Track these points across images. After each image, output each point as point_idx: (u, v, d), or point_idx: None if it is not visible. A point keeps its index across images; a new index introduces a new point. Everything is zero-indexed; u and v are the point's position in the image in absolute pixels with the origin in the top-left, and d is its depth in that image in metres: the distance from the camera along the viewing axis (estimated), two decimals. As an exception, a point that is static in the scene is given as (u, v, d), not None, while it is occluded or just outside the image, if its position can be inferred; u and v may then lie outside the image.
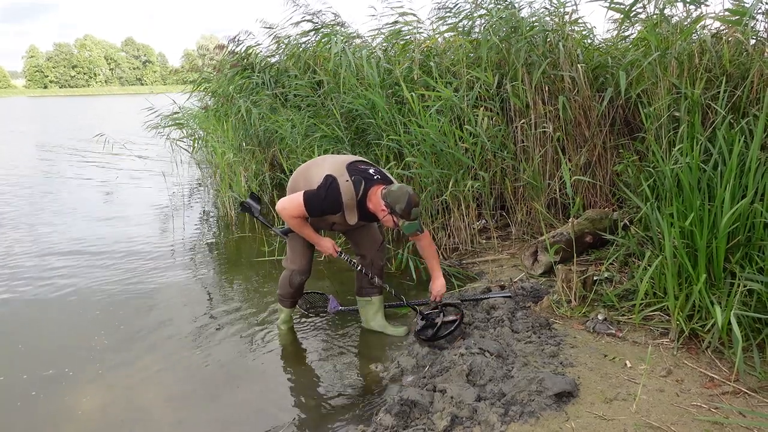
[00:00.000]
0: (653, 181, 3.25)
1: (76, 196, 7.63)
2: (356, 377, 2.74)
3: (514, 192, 4.45)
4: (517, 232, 4.42)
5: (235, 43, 7.39)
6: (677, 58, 3.47)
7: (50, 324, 3.45)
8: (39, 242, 5.24)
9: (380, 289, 3.21)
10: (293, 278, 3.10)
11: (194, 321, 3.42)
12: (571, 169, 4.15)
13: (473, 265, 4.05)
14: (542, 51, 4.31)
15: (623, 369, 2.41)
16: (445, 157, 4.14)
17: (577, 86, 4.16)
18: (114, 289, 3.98)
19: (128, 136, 11.14)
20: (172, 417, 2.46)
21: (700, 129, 3.11)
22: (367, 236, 3.13)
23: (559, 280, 3.07)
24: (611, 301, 2.95)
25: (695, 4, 3.64)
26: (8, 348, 3.14)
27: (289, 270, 3.10)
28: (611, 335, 2.70)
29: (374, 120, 4.68)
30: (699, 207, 2.60)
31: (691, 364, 2.40)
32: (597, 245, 3.77)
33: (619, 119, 4.33)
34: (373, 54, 5.24)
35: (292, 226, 2.85)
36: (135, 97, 48.10)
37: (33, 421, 2.45)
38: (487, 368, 2.42)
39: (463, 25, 5.04)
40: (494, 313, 3.03)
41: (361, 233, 3.12)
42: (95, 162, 10.70)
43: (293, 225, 2.83)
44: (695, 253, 2.61)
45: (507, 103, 4.46)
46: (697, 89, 3.23)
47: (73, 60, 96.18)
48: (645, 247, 3.17)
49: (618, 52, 4.57)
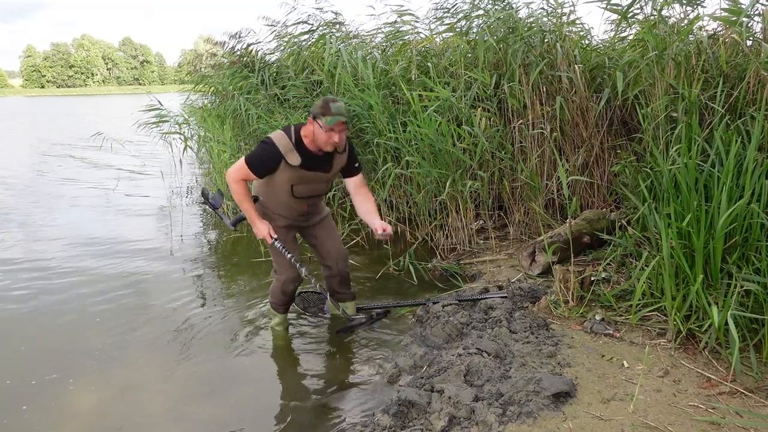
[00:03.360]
0: (651, 181, 3.26)
1: (73, 196, 7.60)
2: (353, 377, 2.74)
3: (512, 192, 4.46)
4: (515, 232, 4.43)
5: (236, 40, 7.36)
6: (674, 59, 3.48)
7: (48, 326, 3.44)
8: (35, 242, 5.23)
9: (353, 295, 3.34)
10: (286, 286, 3.08)
11: (192, 321, 3.42)
12: (569, 170, 4.16)
13: (471, 266, 4.05)
14: (540, 51, 4.31)
15: (621, 369, 2.41)
16: (443, 157, 4.14)
17: (575, 87, 4.17)
18: (111, 289, 3.97)
19: (126, 134, 11.11)
20: (169, 418, 2.46)
21: (698, 129, 3.11)
22: (333, 248, 3.15)
23: (556, 280, 3.08)
24: (609, 301, 2.96)
25: (692, 5, 3.66)
26: (9, 351, 3.13)
27: (280, 281, 3.08)
28: (609, 335, 2.71)
29: (371, 120, 4.67)
30: (696, 207, 2.60)
31: (689, 365, 2.40)
32: (594, 246, 3.77)
33: (616, 120, 4.34)
34: (369, 54, 5.24)
35: (234, 194, 2.81)
36: (132, 96, 48.00)
37: (33, 423, 2.43)
38: (485, 368, 2.42)
39: (461, 26, 5.04)
40: (492, 313, 3.03)
41: (327, 245, 3.14)
42: (92, 161, 10.67)
43: (236, 192, 2.79)
44: (692, 254, 2.61)
45: (504, 103, 4.47)
46: (695, 90, 3.24)
47: (70, 60, 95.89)
48: (642, 247, 3.18)
49: (615, 52, 4.57)
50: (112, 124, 17.16)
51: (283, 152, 2.71)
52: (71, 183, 8.57)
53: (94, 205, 7.02)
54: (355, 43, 5.89)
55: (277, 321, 3.27)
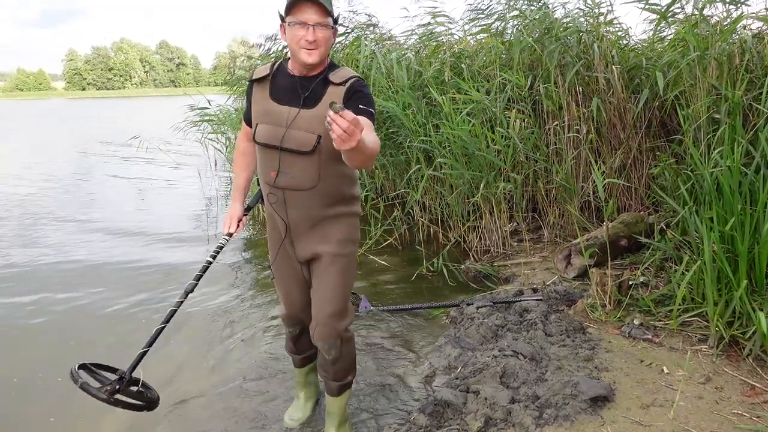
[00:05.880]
0: (691, 184, 3.19)
1: (110, 195, 7.87)
2: (389, 376, 2.77)
3: (546, 194, 4.42)
4: (549, 234, 4.39)
5: (271, 41, 7.48)
6: (717, 59, 3.40)
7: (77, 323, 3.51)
8: (70, 242, 5.41)
9: (341, 388, 2.12)
10: (285, 327, 2.26)
11: (231, 317, 3.50)
12: (605, 172, 4.11)
13: (505, 268, 4.04)
14: (576, 52, 4.27)
15: (660, 375, 2.37)
16: (477, 159, 4.14)
17: (612, 88, 4.11)
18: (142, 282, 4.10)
19: (164, 135, 11.44)
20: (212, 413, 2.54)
21: (741, 131, 3.04)
22: (319, 286, 1.98)
23: (593, 284, 3.05)
24: (647, 305, 2.91)
25: (735, 4, 3.57)
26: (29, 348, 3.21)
27: (280, 315, 2.25)
28: (647, 340, 2.67)
29: (404, 122, 4.70)
30: (740, 211, 2.55)
31: (731, 372, 2.35)
32: (632, 249, 3.71)
33: (655, 121, 4.26)
34: (404, 56, 5.27)
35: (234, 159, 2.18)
36: (169, 98, 49.21)
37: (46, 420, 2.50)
38: (521, 371, 2.42)
39: (496, 27, 5.03)
40: (527, 316, 3.02)
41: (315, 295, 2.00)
42: (132, 160, 11.01)
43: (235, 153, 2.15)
44: (735, 259, 2.56)
45: (539, 104, 4.44)
46: (738, 90, 3.16)
47: (109, 63, 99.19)
48: (682, 251, 3.12)
49: (654, 53, 4.49)
50: (152, 125, 17.67)
51: (255, 75, 1.91)
52: (108, 182, 8.85)
53: (129, 204, 7.24)
54: (389, 44, 5.93)
55: (296, 378, 2.43)
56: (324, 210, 1.89)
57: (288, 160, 1.81)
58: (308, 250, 1.95)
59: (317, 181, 1.82)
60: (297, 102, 1.81)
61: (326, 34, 1.75)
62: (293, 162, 1.81)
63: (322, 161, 1.80)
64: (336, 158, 1.75)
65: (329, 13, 1.75)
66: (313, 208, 1.88)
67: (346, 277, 1.98)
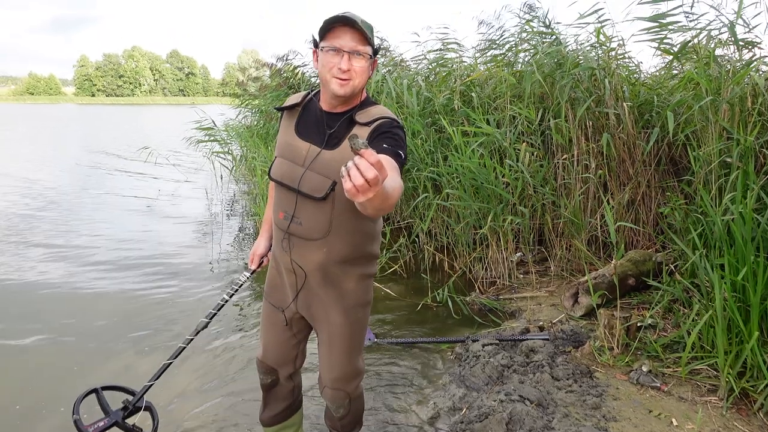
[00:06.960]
0: (702, 228, 3.17)
1: (115, 207, 7.86)
2: (391, 416, 2.73)
3: (553, 227, 4.41)
4: (556, 268, 4.36)
5: (283, 62, 7.58)
6: (729, 102, 3.40)
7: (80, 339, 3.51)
8: (73, 253, 5.39)
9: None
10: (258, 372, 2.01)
11: (228, 345, 3.48)
12: (614, 207, 4.09)
13: (510, 302, 4.01)
14: (587, 86, 4.28)
15: (669, 427, 2.34)
16: (485, 191, 4.14)
17: (622, 124, 4.11)
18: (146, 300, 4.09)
19: (172, 146, 11.49)
20: None
21: (754, 176, 3.02)
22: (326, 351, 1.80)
23: (601, 326, 3.02)
24: (655, 351, 2.88)
25: (748, 47, 3.58)
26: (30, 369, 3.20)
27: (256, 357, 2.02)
28: (656, 388, 2.63)
29: (413, 149, 4.71)
30: (753, 261, 2.52)
31: (742, 427, 2.31)
32: (639, 288, 3.68)
33: (664, 158, 4.25)
34: (413, 81, 5.29)
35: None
36: (178, 107, 49.58)
37: None
38: (527, 417, 2.38)
39: (507, 58, 5.05)
40: (534, 356, 2.98)
41: (324, 339, 1.80)
42: (137, 173, 11.04)
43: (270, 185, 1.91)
44: (747, 308, 2.52)
45: (549, 137, 4.44)
46: (751, 135, 3.15)
47: (120, 70, 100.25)
48: (691, 294, 3.08)
49: (665, 90, 4.50)
50: (158, 135, 17.76)
51: (286, 102, 1.78)
52: (113, 194, 8.82)
53: (135, 217, 7.22)
54: (399, 70, 5.96)
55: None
56: (333, 267, 1.68)
57: (300, 203, 1.64)
58: (310, 308, 1.77)
59: (327, 233, 1.63)
60: (320, 140, 1.63)
61: (363, 65, 1.56)
62: (304, 207, 1.64)
63: (336, 212, 1.61)
64: (353, 210, 1.57)
65: (369, 41, 1.55)
66: (320, 263, 1.67)
67: (356, 341, 1.80)
